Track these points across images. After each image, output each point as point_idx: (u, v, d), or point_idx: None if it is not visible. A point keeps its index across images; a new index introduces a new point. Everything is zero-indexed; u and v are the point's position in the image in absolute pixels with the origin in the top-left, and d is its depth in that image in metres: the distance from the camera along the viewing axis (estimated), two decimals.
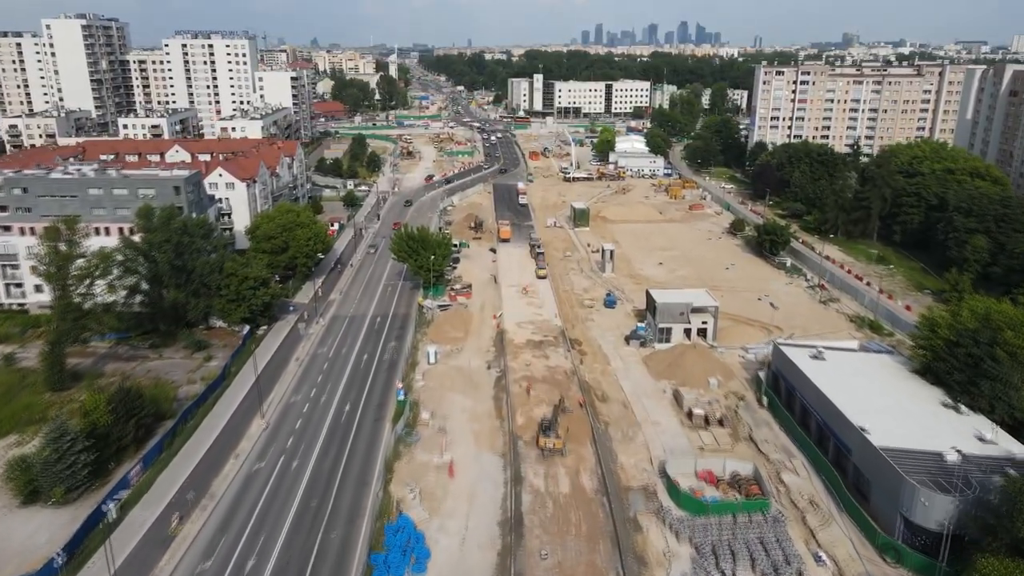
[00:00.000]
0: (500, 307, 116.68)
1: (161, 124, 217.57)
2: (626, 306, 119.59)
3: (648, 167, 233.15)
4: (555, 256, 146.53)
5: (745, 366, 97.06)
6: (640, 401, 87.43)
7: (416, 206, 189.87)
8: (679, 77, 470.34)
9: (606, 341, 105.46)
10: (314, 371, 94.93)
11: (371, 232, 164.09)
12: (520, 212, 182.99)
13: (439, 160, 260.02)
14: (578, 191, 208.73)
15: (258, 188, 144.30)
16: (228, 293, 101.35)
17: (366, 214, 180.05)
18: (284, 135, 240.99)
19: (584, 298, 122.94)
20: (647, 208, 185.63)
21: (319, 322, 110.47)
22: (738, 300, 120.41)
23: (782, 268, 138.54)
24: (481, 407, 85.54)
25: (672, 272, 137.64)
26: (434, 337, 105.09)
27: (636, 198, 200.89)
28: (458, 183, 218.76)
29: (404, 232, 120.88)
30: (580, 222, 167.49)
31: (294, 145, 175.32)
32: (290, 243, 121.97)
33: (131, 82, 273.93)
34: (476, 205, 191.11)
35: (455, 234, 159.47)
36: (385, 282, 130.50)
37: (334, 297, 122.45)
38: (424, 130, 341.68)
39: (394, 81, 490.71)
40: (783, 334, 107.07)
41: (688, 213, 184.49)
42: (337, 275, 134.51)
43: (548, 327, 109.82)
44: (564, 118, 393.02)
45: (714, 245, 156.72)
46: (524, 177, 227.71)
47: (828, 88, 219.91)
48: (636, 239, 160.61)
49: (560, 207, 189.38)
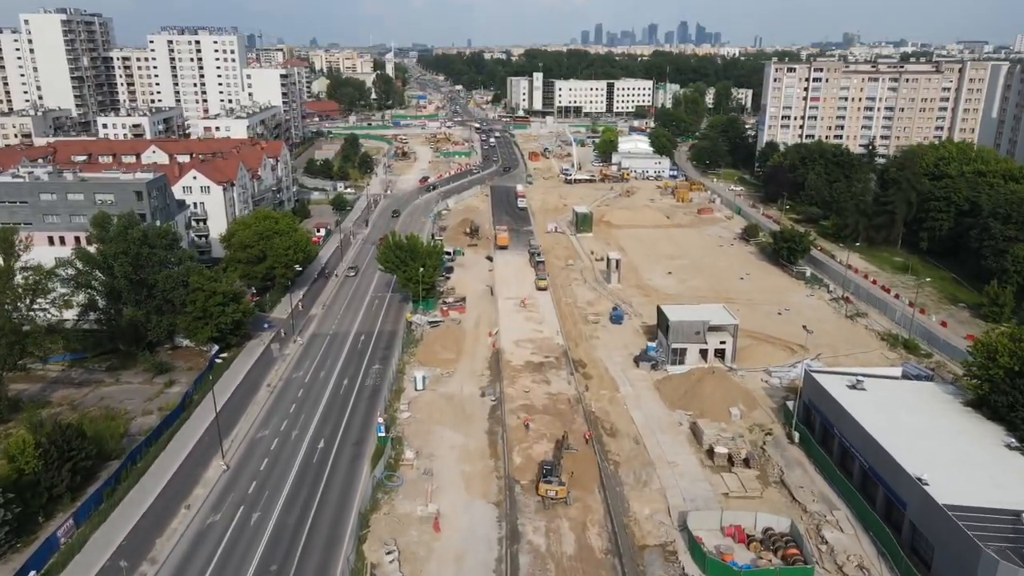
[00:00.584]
0: (496, 323, 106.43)
1: (143, 123, 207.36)
2: (634, 321, 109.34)
3: (653, 168, 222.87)
4: (556, 265, 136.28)
5: (770, 392, 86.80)
6: (654, 436, 77.15)
7: (409, 210, 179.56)
8: (682, 76, 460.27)
9: (613, 363, 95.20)
10: (287, 399, 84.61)
11: (359, 239, 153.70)
12: (519, 216, 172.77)
13: (435, 161, 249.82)
14: (580, 194, 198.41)
15: (237, 192, 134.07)
16: (193, 310, 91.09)
17: (355, 219, 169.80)
18: (272, 135, 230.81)
19: (588, 312, 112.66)
20: (653, 212, 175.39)
21: (296, 341, 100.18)
22: (756, 315, 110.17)
23: (801, 278, 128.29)
24: (473, 444, 75.27)
25: (682, 283, 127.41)
26: (423, 359, 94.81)
27: (641, 201, 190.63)
28: (454, 185, 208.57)
29: (392, 241, 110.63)
30: (583, 227, 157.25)
31: (279, 145, 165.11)
32: (267, 253, 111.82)
33: (115, 80, 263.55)
34: (472, 209, 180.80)
35: (449, 240, 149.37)
36: (372, 294, 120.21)
37: (315, 312, 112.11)
38: (421, 130, 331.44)
39: (391, 80, 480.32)
40: (809, 354, 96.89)
41: (697, 217, 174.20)
42: (320, 286, 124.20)
43: (549, 346, 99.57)
44: (564, 118, 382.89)
45: (726, 252, 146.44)
46: (523, 179, 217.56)
47: (842, 86, 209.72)
48: (642, 246, 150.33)
49: (561, 211, 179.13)
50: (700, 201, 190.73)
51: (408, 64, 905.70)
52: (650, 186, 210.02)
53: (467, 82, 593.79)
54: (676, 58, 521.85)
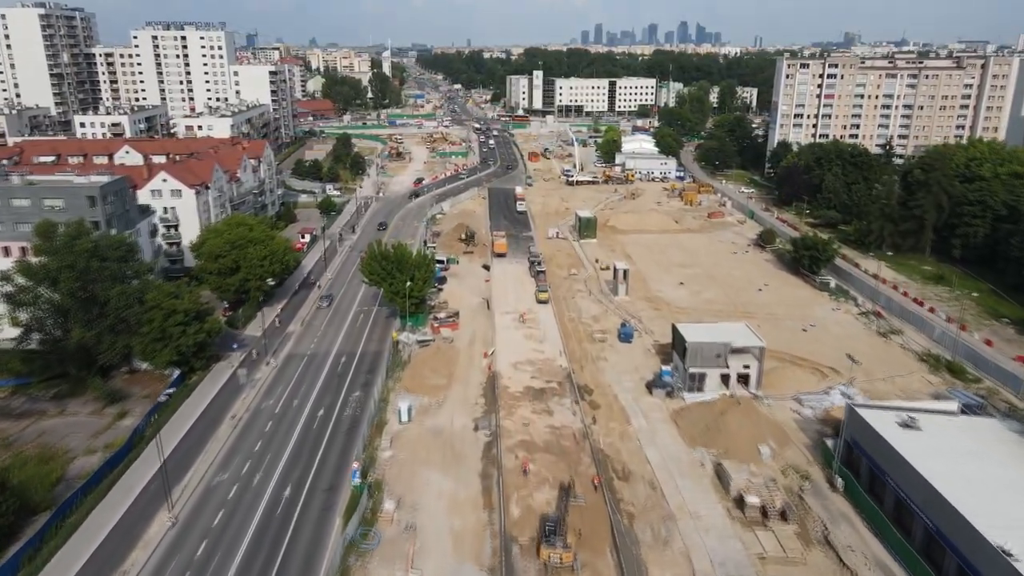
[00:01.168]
0: (493, 342, 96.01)
1: (122, 122, 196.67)
2: (645, 340, 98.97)
3: (659, 169, 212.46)
4: (558, 274, 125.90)
5: (802, 425, 76.43)
6: (672, 480, 66.80)
7: (401, 214, 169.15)
8: (685, 75, 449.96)
9: (623, 389, 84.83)
10: (252, 435, 74.24)
11: (345, 246, 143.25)
12: (518, 221, 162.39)
13: (430, 162, 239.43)
14: (582, 196, 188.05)
15: (212, 195, 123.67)
16: (150, 330, 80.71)
17: (344, 223, 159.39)
18: (260, 135, 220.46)
19: (594, 329, 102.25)
20: (660, 216, 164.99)
21: (270, 363, 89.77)
22: (779, 331, 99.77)
23: (825, 290, 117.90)
24: (464, 491, 64.91)
25: (696, 294, 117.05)
26: (410, 385, 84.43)
27: (647, 204, 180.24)
28: (450, 187, 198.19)
29: (377, 250, 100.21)
30: (586, 233, 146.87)
31: (261, 145, 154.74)
32: (241, 263, 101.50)
33: (97, 78, 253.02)
34: (469, 213, 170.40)
35: (443, 247, 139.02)
36: (357, 308, 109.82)
37: (293, 329, 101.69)
38: (417, 130, 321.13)
39: (387, 79, 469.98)
40: (842, 379, 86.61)
41: (707, 222, 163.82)
42: (302, 299, 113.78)
43: (551, 369, 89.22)
44: (565, 117, 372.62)
45: (741, 260, 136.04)
46: (523, 181, 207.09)
47: (858, 82, 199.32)
48: (650, 253, 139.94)
49: (563, 215, 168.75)
50: (710, 204, 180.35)
51: (407, 64, 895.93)
52: (656, 188, 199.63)
53: (466, 81, 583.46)
54: (679, 56, 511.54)
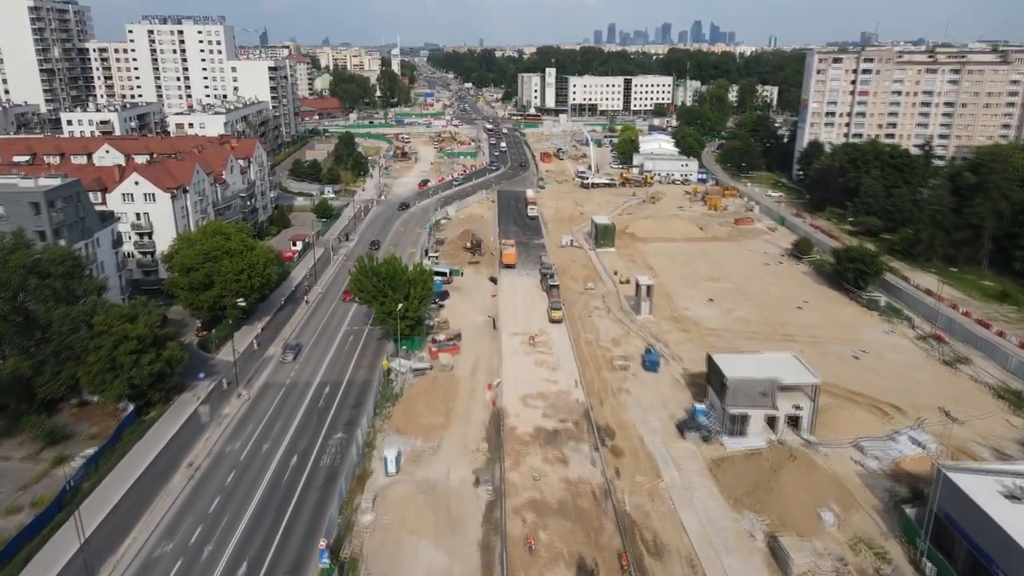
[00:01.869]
0: (498, 371, 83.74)
1: (112, 120, 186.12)
2: (673, 368, 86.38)
3: (679, 171, 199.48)
4: (573, 288, 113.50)
5: (867, 480, 63.69)
6: (716, 557, 54.32)
7: (403, 219, 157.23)
8: (702, 72, 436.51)
9: (651, 430, 72.35)
10: (210, 489, 62.35)
11: (340, 254, 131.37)
12: (529, 227, 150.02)
13: (437, 162, 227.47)
14: (598, 200, 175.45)
15: (191, 199, 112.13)
16: (97, 360, 69.03)
17: (340, 229, 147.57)
18: (258, 133, 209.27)
19: (614, 354, 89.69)
20: (683, 223, 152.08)
21: (241, 395, 77.89)
22: (826, 359, 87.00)
23: (874, 308, 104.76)
24: (460, 567, 52.72)
25: (727, 313, 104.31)
26: (401, 423, 72.32)
27: (668, 209, 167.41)
28: (457, 189, 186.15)
29: (368, 265, 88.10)
30: (603, 241, 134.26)
31: (251, 144, 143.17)
32: (215, 278, 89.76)
33: (91, 73, 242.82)
34: (476, 218, 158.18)
35: (447, 257, 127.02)
36: (347, 327, 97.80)
37: (273, 352, 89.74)
38: (425, 129, 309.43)
39: (396, 76, 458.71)
40: (907, 419, 73.83)
41: (734, 229, 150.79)
42: (287, 315, 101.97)
43: (566, 404, 76.91)
44: (579, 116, 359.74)
45: (775, 273, 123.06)
46: (534, 183, 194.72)
47: (895, 78, 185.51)
48: (674, 264, 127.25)
49: (577, 221, 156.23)
50: (736, 209, 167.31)
51: (418, 63, 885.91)
52: (677, 191, 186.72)
53: (477, 80, 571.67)
54: (696, 54, 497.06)
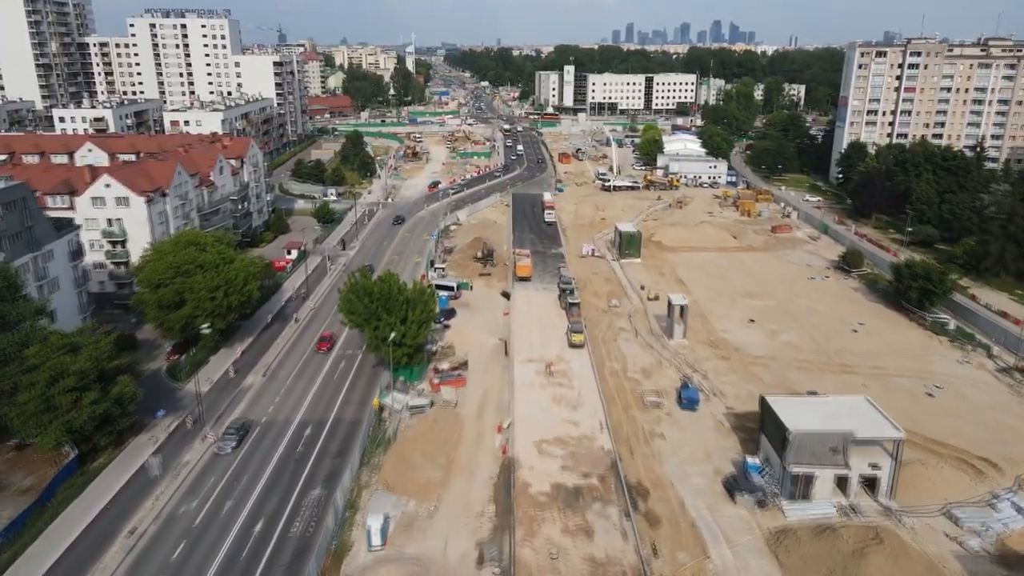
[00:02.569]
0: (510, 409, 71.52)
1: (106, 117, 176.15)
2: (713, 405, 73.78)
3: (707, 173, 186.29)
4: (595, 306, 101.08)
5: (970, 566, 50.80)
6: None
7: (410, 224, 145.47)
8: (725, 71, 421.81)
9: (692, 489, 59.88)
10: (152, 566, 50.64)
11: (339, 264, 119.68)
12: (545, 234, 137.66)
13: (450, 163, 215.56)
14: (621, 205, 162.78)
15: (170, 204, 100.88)
16: (30, 400, 57.63)
17: (343, 235, 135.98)
18: (261, 131, 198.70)
19: (645, 388, 77.19)
20: (715, 230, 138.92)
21: (207, 437, 66.22)
22: (894, 396, 74.12)
23: (941, 333, 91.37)
24: None
25: (772, 337, 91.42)
26: (392, 478, 60.33)
27: (697, 215, 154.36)
28: (469, 192, 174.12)
29: (359, 283, 76.13)
30: (628, 251, 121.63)
31: (245, 143, 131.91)
32: (186, 295, 78.32)
33: (91, 69, 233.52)
34: (488, 224, 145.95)
35: (455, 267, 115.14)
36: (339, 351, 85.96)
37: (250, 382, 78.09)
38: (439, 128, 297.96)
39: (410, 74, 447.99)
40: (1004, 478, 60.78)
41: (772, 238, 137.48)
42: (273, 336, 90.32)
43: (589, 453, 64.59)
44: (598, 115, 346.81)
45: (821, 289, 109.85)
46: (552, 185, 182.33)
47: (944, 73, 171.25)
48: (707, 278, 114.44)
49: (599, 227, 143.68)
50: (771, 215, 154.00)
51: (434, 62, 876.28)
52: (705, 195, 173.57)
53: (493, 78, 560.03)
54: (719, 52, 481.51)
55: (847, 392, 75.68)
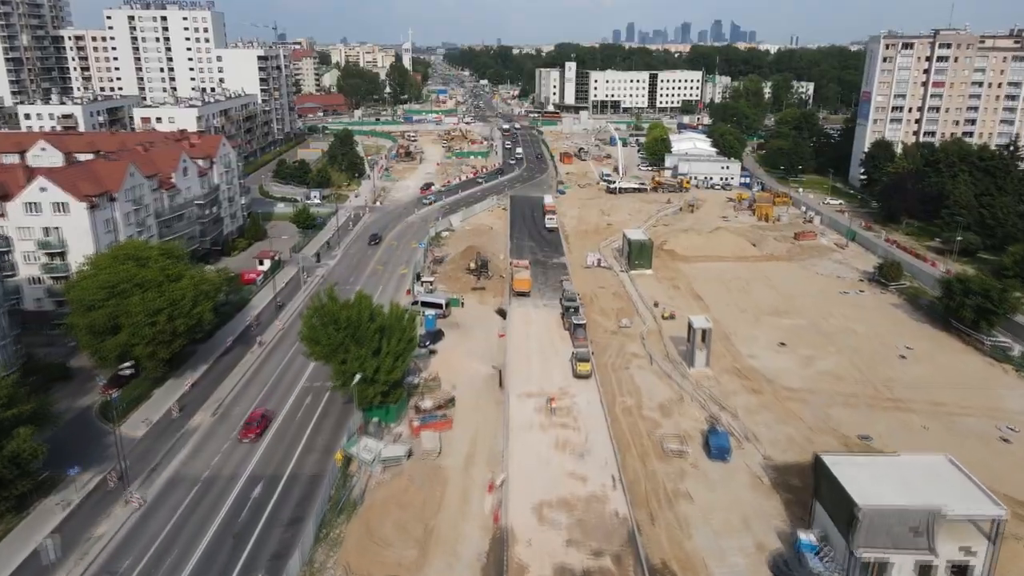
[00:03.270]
0: (504, 458, 59.39)
1: (75, 114, 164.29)
2: (748, 453, 61.62)
3: (719, 174, 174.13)
4: (603, 326, 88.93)
5: None
6: None
7: (399, 230, 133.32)
8: (731, 68, 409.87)
9: (730, 573, 47.69)
10: None
11: (316, 276, 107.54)
12: (546, 241, 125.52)
13: (445, 163, 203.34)
14: (628, 208, 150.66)
15: (121, 209, 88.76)
16: None
17: (322, 244, 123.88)
18: (243, 129, 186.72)
19: (665, 432, 65.01)
20: (732, 237, 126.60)
21: (131, 500, 54.06)
22: (960, 441, 62.13)
23: (1005, 360, 79.11)
24: None
25: (808, 363, 79.26)
26: (355, 559, 48.14)
27: (710, 220, 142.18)
28: (464, 195, 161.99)
29: (323, 307, 63.83)
30: (639, 261, 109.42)
31: (215, 141, 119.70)
32: (122, 319, 66.24)
33: (66, 63, 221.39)
34: (484, 230, 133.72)
35: (446, 280, 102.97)
36: (305, 383, 73.82)
37: (197, 423, 65.90)
38: (435, 126, 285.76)
39: (406, 72, 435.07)
40: None
41: (795, 245, 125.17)
42: (231, 363, 78.12)
43: (601, 520, 52.42)
44: (601, 113, 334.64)
45: (857, 305, 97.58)
46: (553, 187, 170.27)
47: (976, 67, 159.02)
48: (727, 292, 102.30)
49: (603, 233, 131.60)
50: (791, 220, 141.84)
51: (434, 61, 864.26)
52: (718, 198, 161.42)
53: (493, 76, 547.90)
54: (725, 49, 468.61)
55: (904, 435, 63.88)
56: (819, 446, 61.68)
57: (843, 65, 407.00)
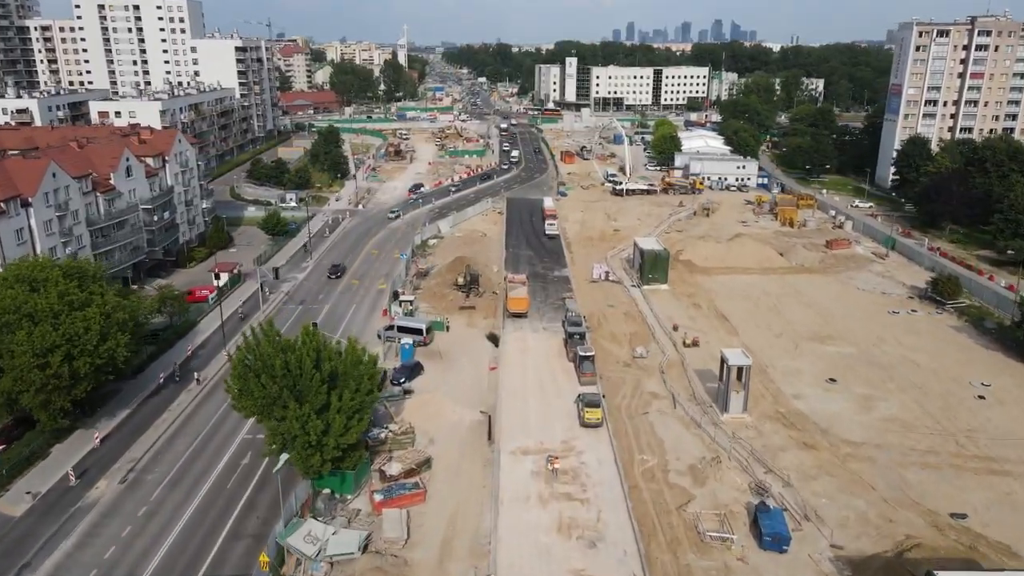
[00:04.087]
0: (492, 545, 44.96)
1: (31, 108, 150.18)
2: (810, 540, 47.14)
3: (735, 174, 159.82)
4: (614, 355, 74.53)
5: None
6: None
7: (382, 237, 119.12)
8: (738, 64, 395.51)
9: None
10: None
11: (280, 294, 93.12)
12: (546, 250, 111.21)
13: (437, 163, 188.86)
14: (636, 212, 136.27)
15: (38, 217, 74.41)
16: None
17: (293, 254, 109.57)
18: (217, 126, 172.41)
19: (699, 508, 50.49)
20: (756, 245, 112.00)
21: None
22: None
23: None
24: None
25: (868, 407, 64.78)
26: None
27: (729, 225, 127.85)
28: (456, 196, 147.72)
29: (256, 349, 49.22)
30: (653, 275, 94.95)
31: (168, 137, 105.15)
32: (5, 360, 51.86)
33: (32, 56, 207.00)
34: (476, 237, 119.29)
35: (430, 297, 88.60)
36: (245, 435, 59.32)
37: (99, 493, 51.35)
38: (429, 124, 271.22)
39: (401, 68, 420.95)
40: None
41: (827, 255, 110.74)
42: (158, 407, 63.65)
43: None
44: (603, 111, 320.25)
45: (911, 329, 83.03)
46: (554, 189, 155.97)
47: (1018, 56, 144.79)
48: (756, 311, 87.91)
49: (611, 241, 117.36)
50: (820, 225, 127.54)
51: (432, 59, 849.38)
52: (734, 201, 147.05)
53: (492, 74, 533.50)
54: (731, 45, 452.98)
55: (1010, 514, 49.55)
56: (901, 528, 47.60)
57: (853, 62, 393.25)
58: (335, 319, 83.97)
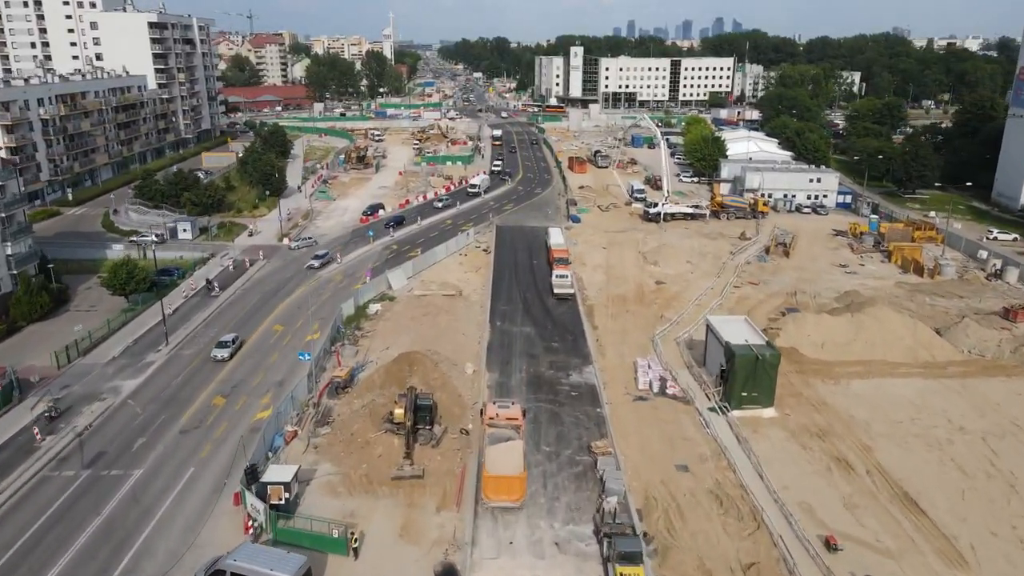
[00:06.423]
0: None
1: None
2: None
3: (806, 189, 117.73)
4: None
5: None
6: None
7: (295, 300, 76.81)
8: (761, 56, 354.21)
9: None
10: None
11: (64, 436, 50.98)
12: (555, 325, 68.96)
13: (410, 173, 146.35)
14: (685, 249, 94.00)
15: None
16: None
17: (151, 327, 67.51)
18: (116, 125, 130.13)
19: None
20: (899, 319, 68.77)
21: None
22: None
23: None
24: None
25: None
26: None
27: (824, 270, 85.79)
28: (426, 224, 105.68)
29: None
30: (751, 391, 52.70)
31: None
32: None
33: None
34: (443, 302, 76.34)
35: (336, 449, 46.23)
36: None
37: None
38: (411, 123, 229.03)
39: (385, 61, 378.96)
40: None
41: (1011, 334, 68.30)
42: None
43: None
44: (613, 108, 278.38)
45: None
46: (562, 211, 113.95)
47: None
48: (958, 474, 45.64)
49: (653, 302, 75.18)
50: (963, 272, 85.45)
51: (429, 56, 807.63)
52: (812, 229, 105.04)
53: (489, 69, 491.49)
54: (754, 35, 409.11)
55: None
56: None
57: (893, 52, 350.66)
58: (121, 529, 41.57)
